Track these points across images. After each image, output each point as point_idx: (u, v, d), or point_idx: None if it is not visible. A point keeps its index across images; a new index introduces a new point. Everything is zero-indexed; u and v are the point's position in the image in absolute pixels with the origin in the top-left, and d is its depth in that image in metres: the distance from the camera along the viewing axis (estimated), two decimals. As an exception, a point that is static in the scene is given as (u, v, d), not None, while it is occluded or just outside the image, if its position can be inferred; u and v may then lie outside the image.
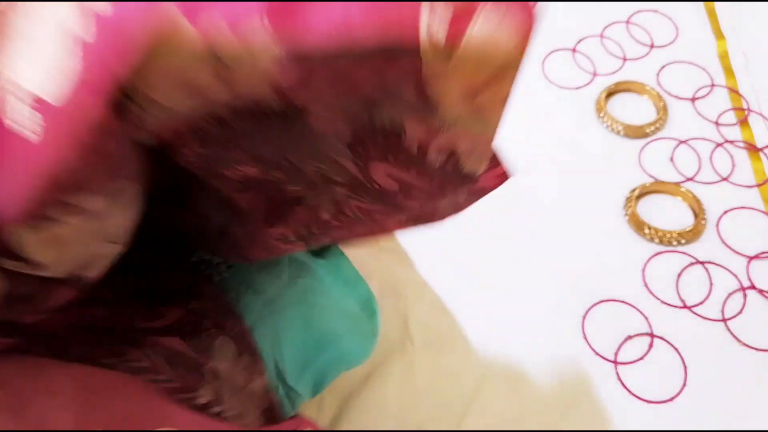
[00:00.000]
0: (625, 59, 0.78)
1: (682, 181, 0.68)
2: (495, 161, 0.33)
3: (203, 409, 0.39)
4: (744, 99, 0.74)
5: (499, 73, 0.26)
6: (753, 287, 0.62)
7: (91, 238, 0.29)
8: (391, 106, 0.26)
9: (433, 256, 0.64)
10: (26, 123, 0.22)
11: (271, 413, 0.45)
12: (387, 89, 0.25)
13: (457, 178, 0.32)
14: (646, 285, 0.62)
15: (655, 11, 0.82)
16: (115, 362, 0.37)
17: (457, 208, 0.38)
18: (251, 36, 0.23)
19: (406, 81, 0.24)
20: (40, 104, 0.22)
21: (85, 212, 0.26)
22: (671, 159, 0.70)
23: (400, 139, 0.28)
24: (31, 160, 0.23)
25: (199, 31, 0.23)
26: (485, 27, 0.23)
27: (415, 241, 0.64)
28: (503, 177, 0.34)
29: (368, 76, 0.24)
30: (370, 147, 0.29)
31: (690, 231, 0.64)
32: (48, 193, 0.23)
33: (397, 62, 0.23)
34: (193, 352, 0.42)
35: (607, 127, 0.73)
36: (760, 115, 0.73)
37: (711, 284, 0.62)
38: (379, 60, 0.23)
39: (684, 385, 0.57)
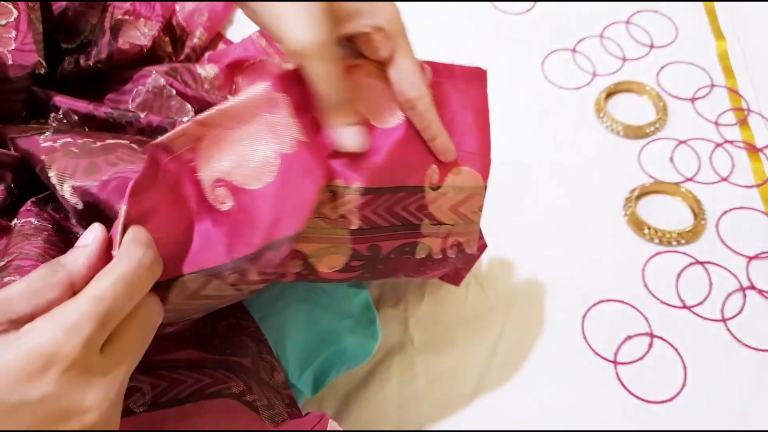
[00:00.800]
0: (624, 59, 0.78)
1: (682, 182, 0.69)
2: (480, 237, 0.50)
3: (239, 397, 0.40)
4: (743, 99, 0.74)
5: (470, 195, 0.43)
6: (752, 287, 0.62)
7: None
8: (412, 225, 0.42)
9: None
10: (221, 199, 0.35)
11: (293, 407, 0.46)
12: (410, 213, 0.41)
13: (464, 258, 0.47)
14: (645, 285, 0.62)
15: (655, 11, 0.82)
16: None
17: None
18: (349, 178, 0.37)
19: (420, 207, 0.41)
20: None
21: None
22: (671, 159, 0.70)
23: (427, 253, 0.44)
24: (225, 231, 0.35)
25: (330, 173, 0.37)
26: (460, 175, 0.42)
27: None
28: (484, 246, 0.52)
29: (406, 204, 0.40)
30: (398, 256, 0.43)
31: (690, 231, 0.64)
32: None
33: (415, 195, 0.41)
34: (212, 354, 0.43)
35: (607, 127, 0.73)
36: (760, 115, 0.73)
37: (710, 284, 0.62)
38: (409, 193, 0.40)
39: (683, 385, 0.57)
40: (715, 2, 0.82)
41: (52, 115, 0.46)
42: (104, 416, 0.27)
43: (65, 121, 0.47)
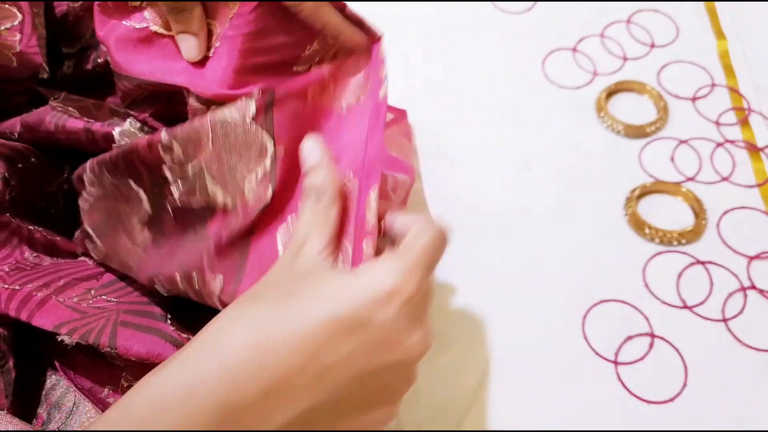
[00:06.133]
0: (625, 59, 0.78)
1: (683, 181, 0.68)
2: None
3: None
4: (744, 99, 0.74)
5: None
6: (753, 287, 0.62)
7: None
8: None
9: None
10: None
11: None
12: None
13: None
14: (646, 285, 0.62)
15: (656, 11, 0.81)
16: None
17: None
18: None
19: None
20: None
21: None
22: (672, 159, 0.70)
23: None
24: None
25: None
26: None
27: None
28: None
29: None
30: None
31: (690, 231, 0.64)
32: None
33: None
34: None
35: (608, 126, 0.73)
36: (761, 114, 0.73)
37: (711, 284, 0.62)
38: None
39: (684, 385, 0.57)
40: (716, 2, 0.82)
41: None
42: (418, 358, 0.32)
43: None
